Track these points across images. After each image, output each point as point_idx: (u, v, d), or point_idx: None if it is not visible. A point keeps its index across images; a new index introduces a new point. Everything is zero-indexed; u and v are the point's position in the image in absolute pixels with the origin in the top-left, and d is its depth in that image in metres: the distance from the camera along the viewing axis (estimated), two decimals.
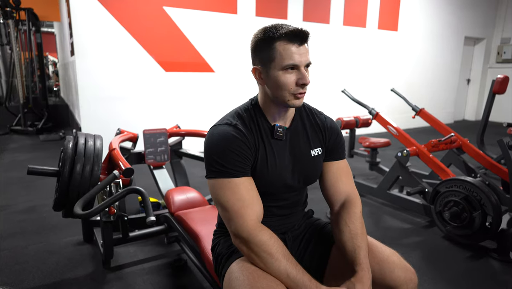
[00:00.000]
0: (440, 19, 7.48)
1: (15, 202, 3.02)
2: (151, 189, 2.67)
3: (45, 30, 10.23)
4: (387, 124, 3.09)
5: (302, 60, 1.00)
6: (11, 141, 5.62)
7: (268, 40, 1.00)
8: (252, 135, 1.07)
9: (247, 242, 0.97)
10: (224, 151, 1.01)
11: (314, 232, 1.22)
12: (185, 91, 4.89)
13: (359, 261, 1.01)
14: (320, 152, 1.16)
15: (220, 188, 1.01)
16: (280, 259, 0.95)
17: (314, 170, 1.16)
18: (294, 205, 1.21)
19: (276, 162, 1.09)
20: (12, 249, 2.21)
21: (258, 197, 1.04)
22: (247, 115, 1.10)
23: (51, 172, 1.81)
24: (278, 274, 0.94)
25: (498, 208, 2.13)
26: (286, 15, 5.57)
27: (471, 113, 8.92)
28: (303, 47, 1.00)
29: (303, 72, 1.00)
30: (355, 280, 0.97)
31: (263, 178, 1.07)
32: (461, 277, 2.00)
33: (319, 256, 1.15)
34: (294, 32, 0.98)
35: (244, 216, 0.98)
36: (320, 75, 6.09)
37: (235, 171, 1.01)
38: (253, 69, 1.07)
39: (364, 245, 1.04)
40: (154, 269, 2.02)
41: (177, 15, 4.64)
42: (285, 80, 1.00)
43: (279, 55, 0.99)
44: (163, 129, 2.52)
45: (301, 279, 0.93)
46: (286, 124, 1.13)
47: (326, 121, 1.20)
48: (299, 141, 1.14)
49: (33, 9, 6.15)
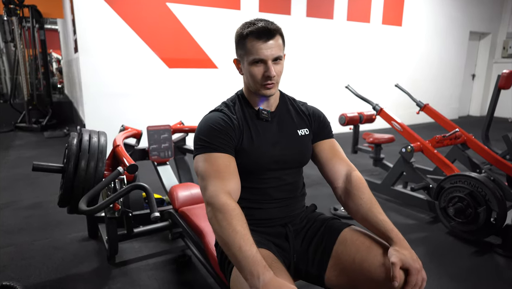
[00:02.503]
0: (445, 14, 7.41)
1: (21, 198, 3.04)
2: (155, 185, 2.68)
3: (48, 27, 10.27)
4: (391, 120, 3.08)
5: (268, 55, 1.09)
6: (16, 138, 5.66)
7: (242, 37, 1.12)
8: (237, 119, 1.17)
9: (213, 208, 0.99)
10: (209, 129, 1.11)
11: (318, 225, 1.22)
12: (189, 88, 4.90)
13: (389, 227, 1.05)
14: (307, 132, 1.25)
15: (201, 160, 1.09)
16: (237, 230, 0.94)
17: (303, 148, 1.23)
18: (290, 189, 1.22)
19: (262, 138, 1.17)
20: (18, 245, 2.23)
21: (236, 174, 1.10)
22: (233, 103, 1.22)
23: (56, 169, 1.82)
24: (232, 245, 0.92)
25: (503, 204, 2.12)
26: (289, 10, 5.54)
27: (476, 108, 8.85)
28: (271, 42, 1.09)
29: (269, 65, 1.10)
30: (399, 248, 0.98)
31: (251, 153, 1.14)
32: (466, 273, 2.00)
33: (322, 250, 1.15)
34: (259, 29, 1.08)
35: (217, 185, 1.03)
36: (324, 71, 6.07)
37: (217, 146, 1.09)
38: (234, 60, 1.21)
39: (382, 212, 1.10)
40: (159, 264, 2.03)
41: (180, 11, 4.63)
42: (254, 72, 1.12)
43: (248, 50, 1.11)
44: (167, 125, 2.53)
45: (251, 255, 0.90)
46: (271, 109, 1.23)
47: (309, 108, 1.32)
48: (285, 123, 1.23)
49: (37, 6, 6.16)
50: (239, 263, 0.91)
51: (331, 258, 1.12)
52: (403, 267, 0.94)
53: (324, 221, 1.23)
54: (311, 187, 2.91)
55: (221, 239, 0.96)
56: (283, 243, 1.19)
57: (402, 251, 0.97)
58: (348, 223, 1.20)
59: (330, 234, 1.17)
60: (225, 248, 0.95)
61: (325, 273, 1.12)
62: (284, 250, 1.18)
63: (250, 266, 0.88)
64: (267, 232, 1.19)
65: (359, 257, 1.05)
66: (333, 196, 1.29)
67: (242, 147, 1.14)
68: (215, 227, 0.98)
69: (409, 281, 0.94)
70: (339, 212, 2.70)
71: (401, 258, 0.95)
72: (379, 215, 1.08)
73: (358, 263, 1.04)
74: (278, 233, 1.20)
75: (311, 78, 5.95)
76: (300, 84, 5.83)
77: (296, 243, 1.20)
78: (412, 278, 0.93)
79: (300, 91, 5.79)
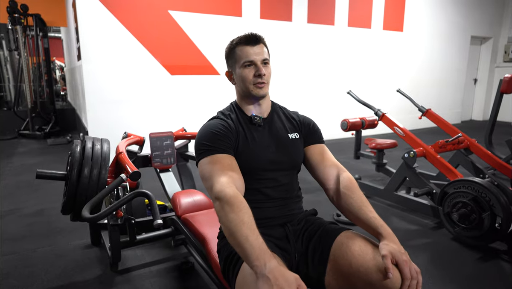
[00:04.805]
0: (446, 19, 7.43)
1: (24, 205, 3.05)
2: (157, 192, 2.69)
3: (52, 35, 10.36)
4: (393, 125, 3.08)
5: (257, 58, 1.23)
6: (20, 145, 5.68)
7: (232, 48, 1.27)
8: (233, 123, 1.27)
9: (221, 201, 1.02)
10: (210, 134, 1.19)
11: (315, 228, 1.24)
12: (191, 94, 4.92)
13: (379, 223, 1.09)
14: (297, 136, 1.33)
15: (206, 163, 1.15)
16: (244, 221, 0.97)
17: (295, 150, 1.31)
18: (286, 189, 1.28)
19: (256, 141, 1.26)
20: (21, 252, 2.23)
21: (239, 173, 1.16)
22: (228, 111, 1.33)
23: (59, 176, 1.82)
24: (239, 234, 0.95)
25: (507, 209, 2.11)
26: (290, 17, 5.57)
27: (478, 113, 8.83)
28: (257, 47, 1.24)
29: (259, 66, 1.23)
30: (388, 241, 1.03)
31: (247, 155, 1.22)
32: (471, 279, 1.98)
33: (320, 253, 1.16)
34: (247, 36, 1.24)
35: (224, 180, 1.07)
36: (325, 77, 6.08)
37: (219, 148, 1.16)
38: (226, 73, 1.34)
39: (373, 210, 1.15)
40: (162, 272, 2.02)
41: (182, 18, 4.67)
42: (245, 74, 1.24)
43: (238, 56, 1.24)
44: (169, 132, 2.53)
45: (257, 244, 0.93)
46: (263, 116, 1.32)
47: (299, 115, 1.41)
48: (276, 128, 1.32)
49: (41, 15, 6.23)
50: (245, 251, 0.93)
51: (328, 262, 1.13)
52: (392, 260, 0.98)
53: (321, 224, 1.25)
54: (313, 193, 2.90)
55: (227, 229, 0.98)
56: (285, 244, 1.21)
57: (391, 244, 1.02)
58: (345, 227, 1.21)
59: (327, 238, 1.18)
60: (231, 238, 0.97)
61: (324, 277, 1.12)
62: (286, 251, 1.20)
63: (257, 254, 0.91)
64: (269, 234, 1.19)
65: (356, 262, 1.05)
66: None
67: (238, 150, 1.22)
68: (222, 219, 1.00)
69: (402, 274, 0.96)
70: (342, 218, 2.68)
71: (390, 250, 0.99)
72: (369, 212, 1.13)
73: (355, 267, 1.04)
74: (279, 234, 1.22)
75: (312, 84, 5.96)
76: (301, 91, 5.84)
77: (297, 244, 1.22)
78: (404, 270, 0.96)
79: (302, 97, 5.80)
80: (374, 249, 1.06)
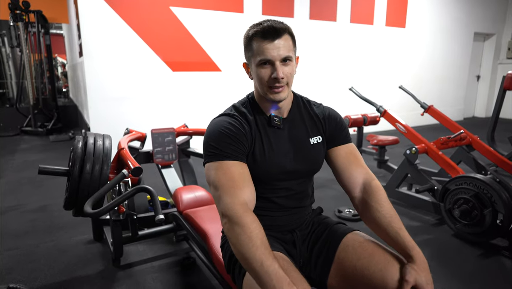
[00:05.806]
0: (449, 15, 7.38)
1: (27, 201, 3.07)
2: (159, 187, 2.70)
3: (54, 32, 10.35)
4: (395, 122, 3.07)
5: (275, 55, 1.03)
6: (22, 142, 5.70)
7: (249, 38, 1.08)
8: (249, 125, 1.11)
9: (231, 221, 0.96)
10: (220, 136, 1.06)
11: (322, 229, 1.21)
12: (192, 91, 4.92)
13: (410, 244, 0.99)
14: (319, 140, 1.19)
15: (213, 169, 1.04)
16: (257, 245, 0.91)
17: (314, 157, 1.18)
18: (300, 198, 1.20)
19: (273, 148, 1.12)
20: (24, 248, 2.24)
21: (250, 182, 1.06)
22: (243, 107, 1.16)
23: (62, 172, 1.83)
24: (253, 260, 0.90)
25: (509, 205, 2.10)
26: (292, 13, 5.55)
27: (481, 110, 8.79)
28: (277, 42, 1.03)
29: (276, 66, 1.04)
30: (417, 268, 0.94)
31: (262, 163, 1.10)
32: (472, 275, 1.98)
33: (325, 256, 1.14)
34: (265, 28, 1.03)
35: (233, 196, 0.99)
36: (327, 73, 6.06)
37: (229, 154, 1.04)
38: (244, 64, 1.16)
39: (403, 226, 1.04)
40: (163, 267, 2.03)
41: (184, 14, 4.66)
42: (261, 74, 1.06)
43: (255, 51, 1.06)
44: (171, 128, 2.54)
45: (274, 270, 0.88)
46: (283, 116, 1.17)
47: (324, 110, 1.24)
48: (297, 131, 1.17)
49: (42, 11, 6.23)
50: (260, 278, 0.89)
51: (333, 264, 1.11)
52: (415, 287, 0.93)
53: (328, 225, 1.22)
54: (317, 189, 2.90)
55: (240, 254, 0.93)
56: (291, 249, 1.19)
57: (420, 272, 0.94)
58: (352, 228, 1.18)
59: (333, 240, 1.15)
60: (244, 262, 0.93)
61: (327, 279, 1.11)
62: (291, 255, 1.17)
63: (274, 282, 0.86)
64: (277, 237, 1.18)
65: (360, 264, 1.03)
66: (337, 198, 1.30)
67: (253, 157, 1.10)
68: (233, 241, 0.95)
69: None
70: (343, 214, 2.69)
71: (417, 279, 0.92)
72: (399, 230, 1.02)
73: (360, 270, 1.02)
74: (286, 239, 1.19)
75: (314, 80, 5.94)
76: (304, 87, 5.81)
77: (302, 249, 1.20)
78: None
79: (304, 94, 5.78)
80: (379, 253, 1.04)
